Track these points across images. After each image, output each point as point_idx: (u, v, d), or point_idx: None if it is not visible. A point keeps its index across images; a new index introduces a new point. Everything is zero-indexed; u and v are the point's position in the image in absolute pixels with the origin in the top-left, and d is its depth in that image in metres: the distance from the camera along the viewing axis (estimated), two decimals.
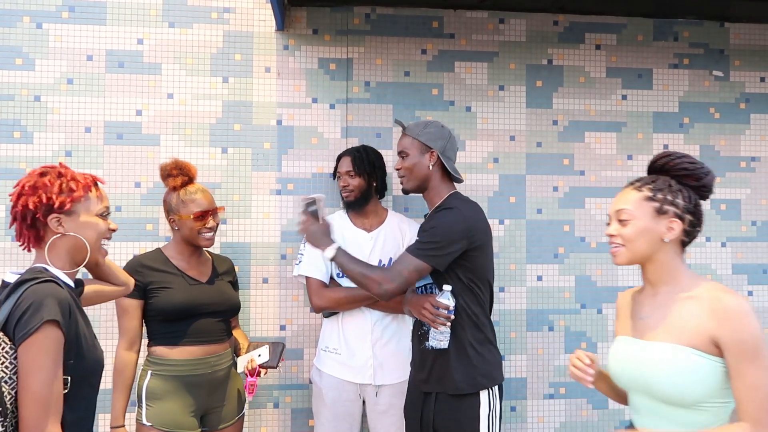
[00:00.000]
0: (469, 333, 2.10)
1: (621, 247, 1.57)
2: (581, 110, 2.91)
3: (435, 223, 2.08)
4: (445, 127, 2.23)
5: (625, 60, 2.94)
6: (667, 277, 1.56)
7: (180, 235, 2.28)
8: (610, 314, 2.88)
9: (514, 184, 2.85)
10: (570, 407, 2.85)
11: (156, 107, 2.68)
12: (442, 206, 2.14)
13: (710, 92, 2.99)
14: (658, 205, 1.53)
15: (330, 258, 2.13)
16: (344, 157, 2.53)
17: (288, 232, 2.73)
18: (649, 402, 1.54)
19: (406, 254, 2.08)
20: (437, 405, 2.12)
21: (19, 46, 2.62)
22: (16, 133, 2.61)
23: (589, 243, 2.89)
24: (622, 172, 2.92)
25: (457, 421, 2.08)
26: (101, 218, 1.60)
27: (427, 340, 2.11)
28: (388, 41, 2.82)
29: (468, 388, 2.08)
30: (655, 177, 1.57)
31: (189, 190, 2.26)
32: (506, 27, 2.89)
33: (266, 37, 2.75)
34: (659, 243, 1.54)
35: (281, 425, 2.70)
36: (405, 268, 2.04)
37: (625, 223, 1.56)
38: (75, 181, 1.57)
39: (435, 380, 2.13)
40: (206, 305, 2.24)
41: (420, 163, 2.19)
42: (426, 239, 2.06)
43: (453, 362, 2.09)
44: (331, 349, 2.46)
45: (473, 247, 2.08)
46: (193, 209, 2.23)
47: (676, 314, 1.50)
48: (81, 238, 1.54)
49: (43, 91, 2.63)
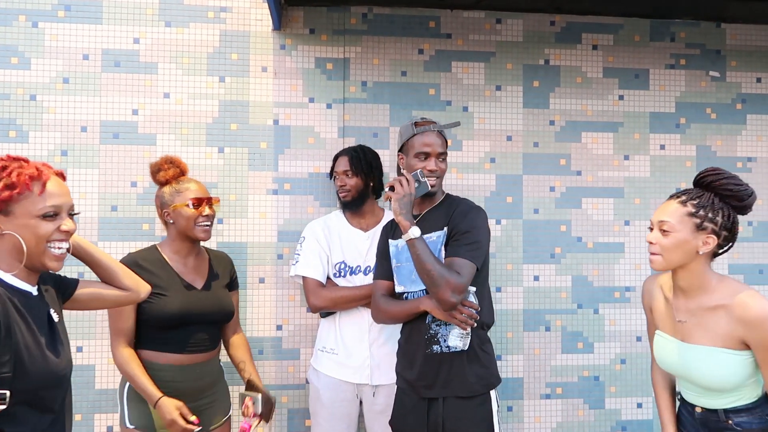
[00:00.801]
0: (476, 334, 2.09)
1: (658, 256, 1.72)
2: (578, 110, 2.91)
3: (473, 223, 2.08)
4: (407, 122, 2.22)
5: (622, 60, 2.95)
6: (696, 283, 1.73)
7: (175, 229, 2.20)
8: (607, 314, 2.88)
9: (510, 184, 2.85)
10: (567, 407, 2.86)
11: (152, 107, 2.68)
12: (465, 204, 2.15)
13: (707, 93, 2.99)
14: (699, 221, 1.68)
15: (412, 237, 1.98)
16: (341, 156, 2.53)
17: (284, 232, 2.72)
18: (694, 387, 1.77)
19: (462, 261, 1.99)
20: (446, 409, 2.07)
21: (14, 45, 2.62)
22: (12, 132, 2.61)
23: (585, 243, 2.89)
24: (619, 173, 2.92)
25: (471, 421, 2.05)
26: (46, 219, 1.41)
27: (437, 344, 2.07)
28: (385, 41, 2.81)
29: (481, 389, 2.08)
30: (700, 192, 1.71)
31: (182, 180, 2.22)
32: (503, 27, 2.89)
33: (263, 36, 2.75)
34: (693, 255, 1.70)
35: (278, 425, 2.70)
36: (469, 275, 1.99)
37: (666, 234, 1.70)
38: (18, 175, 1.38)
39: (441, 384, 2.08)
40: (201, 315, 2.17)
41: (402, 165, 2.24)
42: (471, 240, 2.04)
43: (465, 365, 2.06)
44: (328, 349, 2.46)
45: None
46: (189, 196, 2.17)
47: (710, 321, 1.70)
48: (18, 237, 1.37)
49: (38, 90, 2.62)
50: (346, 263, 2.48)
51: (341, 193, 2.50)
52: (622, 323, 2.89)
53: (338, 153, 2.57)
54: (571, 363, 2.86)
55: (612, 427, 2.87)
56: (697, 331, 1.72)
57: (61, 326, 1.55)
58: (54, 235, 1.42)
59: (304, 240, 2.51)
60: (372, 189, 2.53)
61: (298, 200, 2.74)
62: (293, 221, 2.73)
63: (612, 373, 2.88)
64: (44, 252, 1.42)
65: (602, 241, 2.90)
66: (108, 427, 2.61)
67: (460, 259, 2.01)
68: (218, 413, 2.28)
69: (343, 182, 2.49)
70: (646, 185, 2.94)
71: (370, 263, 2.47)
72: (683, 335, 1.76)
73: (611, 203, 2.91)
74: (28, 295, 1.44)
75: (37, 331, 1.42)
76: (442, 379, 2.08)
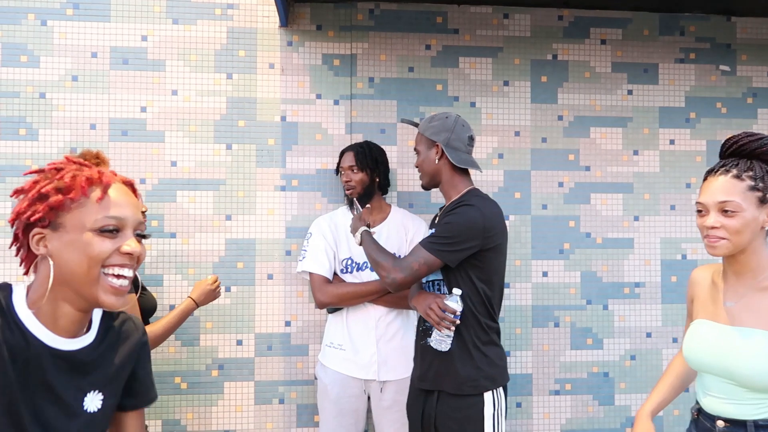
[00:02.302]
0: (474, 334, 2.05)
1: (722, 240, 1.52)
2: (586, 105, 2.90)
3: (452, 218, 2.03)
4: (452, 117, 2.16)
5: (631, 55, 2.93)
6: (755, 263, 1.55)
7: None
8: (616, 310, 2.87)
9: (519, 180, 2.84)
10: (576, 403, 2.84)
11: (160, 104, 2.69)
12: (462, 201, 2.09)
13: (717, 87, 2.97)
14: (761, 194, 1.50)
15: (358, 242, 2.19)
16: (347, 152, 2.53)
17: (292, 228, 2.73)
18: (725, 385, 1.55)
19: (418, 247, 2.04)
20: (439, 404, 2.07)
21: (24, 43, 2.63)
22: (22, 130, 2.62)
23: (594, 239, 2.87)
24: (628, 168, 2.90)
25: (459, 421, 2.03)
26: (103, 235, 1.07)
27: (429, 337, 2.08)
28: (392, 37, 2.81)
29: (470, 390, 2.03)
30: (747, 163, 1.53)
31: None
32: (511, 22, 2.87)
33: (270, 33, 2.75)
34: (758, 232, 1.53)
35: (287, 421, 2.71)
36: (415, 260, 2.02)
37: (732, 215, 1.51)
38: (73, 177, 1.09)
39: (433, 378, 2.09)
40: None
41: (427, 158, 2.17)
42: (440, 234, 2.03)
43: (456, 363, 2.04)
44: (336, 345, 2.46)
45: (489, 248, 2.04)
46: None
47: (762, 302, 1.52)
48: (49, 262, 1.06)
49: (48, 88, 2.64)
50: (353, 259, 2.48)
51: (347, 189, 2.50)
52: (631, 319, 2.87)
53: (344, 149, 2.57)
54: (581, 359, 2.85)
55: (622, 423, 2.86)
56: (746, 314, 1.54)
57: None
58: (112, 257, 1.07)
59: (310, 236, 2.52)
60: (378, 185, 2.53)
61: (305, 196, 2.74)
62: (301, 217, 2.73)
63: (622, 370, 2.86)
64: (97, 281, 1.07)
65: (611, 237, 2.89)
66: None
67: (416, 245, 2.06)
68: None
69: (348, 178, 2.49)
70: (656, 180, 2.92)
71: None
72: (730, 319, 1.57)
73: (620, 199, 2.90)
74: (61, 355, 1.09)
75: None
76: (433, 373, 2.09)
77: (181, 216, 2.68)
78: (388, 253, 2.11)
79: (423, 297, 2.11)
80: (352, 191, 2.48)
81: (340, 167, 2.54)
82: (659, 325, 2.88)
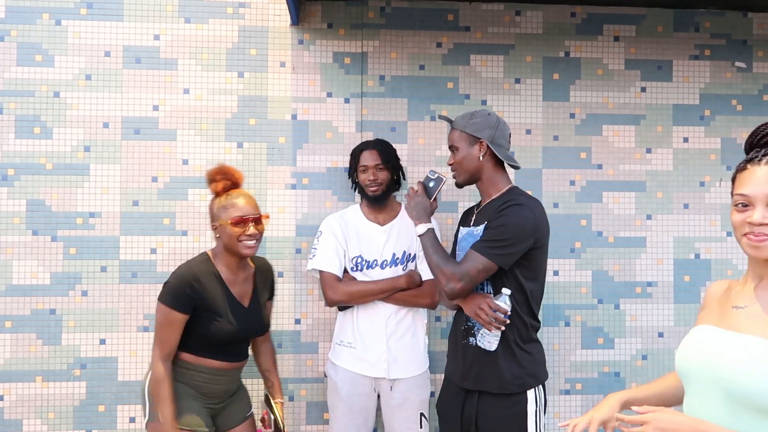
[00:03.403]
0: (517, 333, 2.04)
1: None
2: (599, 103, 2.87)
3: (504, 220, 1.99)
4: (492, 114, 2.15)
5: (645, 51, 2.89)
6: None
7: (222, 243, 2.16)
8: (628, 309, 2.85)
9: (530, 178, 2.83)
10: (586, 403, 2.83)
11: (172, 102, 2.71)
12: (510, 201, 2.05)
13: (732, 84, 2.92)
14: None
15: (419, 234, 2.13)
16: (369, 150, 2.50)
17: (303, 226, 2.74)
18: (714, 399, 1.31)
19: (473, 252, 2.00)
20: (480, 403, 2.06)
21: (38, 42, 2.66)
22: (36, 128, 2.66)
23: (606, 237, 2.85)
24: (641, 166, 2.88)
25: (504, 419, 2.03)
26: None
27: (472, 336, 2.07)
28: (403, 35, 2.80)
29: (515, 388, 2.03)
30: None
31: (231, 194, 2.15)
32: (523, 19, 2.85)
33: (281, 31, 2.76)
34: None
35: (296, 418, 2.72)
36: (474, 267, 1.98)
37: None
38: None
39: (475, 378, 2.07)
40: (245, 332, 2.21)
41: (469, 155, 2.13)
42: (495, 237, 1.99)
43: (500, 362, 2.03)
44: (346, 343, 2.47)
45: (536, 247, 2.03)
46: (233, 214, 2.10)
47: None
48: None
49: (62, 87, 2.67)
50: (362, 257, 2.49)
51: (372, 188, 2.46)
52: (643, 319, 2.85)
53: (360, 147, 2.53)
54: (591, 359, 2.83)
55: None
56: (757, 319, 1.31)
57: None
58: None
59: (320, 234, 2.52)
60: (395, 183, 2.54)
61: (316, 195, 2.75)
62: (311, 216, 2.74)
63: (633, 369, 2.84)
64: None
65: (623, 236, 2.86)
66: (131, 418, 2.66)
67: (471, 251, 2.02)
68: (242, 408, 2.33)
69: (375, 176, 2.46)
70: (669, 179, 2.89)
71: (387, 257, 2.47)
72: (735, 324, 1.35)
73: (633, 197, 2.87)
74: None
75: None
76: (475, 372, 2.07)
77: (192, 214, 2.70)
78: (450, 257, 2.07)
79: (471, 297, 2.07)
80: (378, 189, 2.46)
81: (362, 165, 2.49)
82: (671, 324, 2.86)
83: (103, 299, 2.65)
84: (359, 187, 2.53)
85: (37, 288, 2.64)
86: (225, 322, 2.14)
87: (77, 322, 2.65)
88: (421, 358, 2.50)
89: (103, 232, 2.67)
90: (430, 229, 2.12)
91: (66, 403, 2.64)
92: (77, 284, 2.65)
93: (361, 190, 2.52)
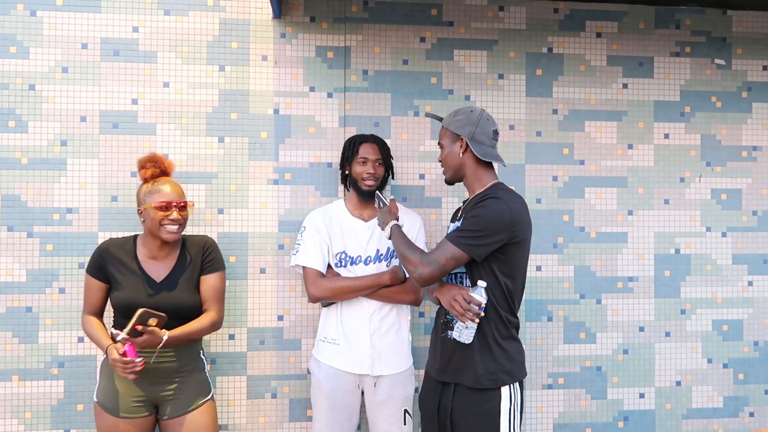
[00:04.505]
0: (495, 328, 2.05)
1: None
2: (581, 99, 2.88)
3: (479, 211, 2.02)
4: (476, 110, 2.15)
5: (626, 48, 2.91)
6: None
7: (146, 227, 2.30)
8: (610, 304, 2.87)
9: (513, 174, 2.83)
10: (568, 397, 2.85)
11: (152, 96, 2.66)
12: (488, 194, 2.07)
13: (712, 81, 2.96)
14: None
15: (387, 236, 2.19)
16: (369, 143, 2.49)
17: (285, 222, 2.71)
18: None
19: (445, 241, 2.04)
20: (456, 397, 2.08)
21: (13, 33, 2.59)
22: (11, 122, 2.59)
23: (588, 233, 2.87)
24: (623, 162, 2.90)
25: (476, 414, 2.04)
26: None
27: (450, 330, 2.08)
28: (387, 29, 2.78)
29: (489, 384, 2.04)
30: None
31: (158, 181, 2.29)
32: (506, 15, 2.85)
33: (263, 24, 2.72)
34: None
35: (279, 415, 2.70)
36: (443, 254, 2.00)
37: None
38: None
39: (452, 371, 2.09)
40: (155, 308, 2.17)
41: (452, 152, 2.16)
42: (467, 227, 2.01)
43: (476, 356, 2.04)
44: (330, 340, 2.45)
45: (514, 242, 2.03)
46: (158, 199, 2.25)
47: None
48: None
49: (37, 79, 2.60)
50: (346, 253, 2.47)
51: (369, 181, 2.44)
52: (624, 313, 2.88)
53: (359, 139, 2.50)
54: (573, 353, 2.85)
55: (614, 417, 2.87)
56: None
57: None
58: None
59: (304, 230, 2.50)
60: (385, 181, 2.54)
61: (299, 190, 2.72)
62: (294, 211, 2.71)
63: (614, 364, 2.87)
64: None
65: (605, 231, 2.88)
66: None
67: (444, 240, 2.05)
68: (189, 400, 2.30)
69: (374, 170, 2.45)
70: (650, 175, 2.91)
71: (371, 253, 2.46)
72: None
73: (614, 193, 2.89)
74: None
75: None
76: (453, 366, 2.09)
77: None
78: (417, 247, 2.09)
79: (447, 289, 2.10)
80: (374, 184, 2.45)
81: (362, 157, 2.46)
82: (652, 319, 2.89)
83: (81, 296, 2.60)
84: (351, 179, 2.51)
85: (13, 285, 2.58)
86: (127, 290, 2.25)
87: (54, 319, 2.59)
88: (405, 354, 2.49)
89: (81, 228, 2.61)
90: (395, 225, 2.18)
91: (43, 402, 2.59)
92: (54, 281, 2.60)
93: (353, 182, 2.49)
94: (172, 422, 2.28)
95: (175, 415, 2.28)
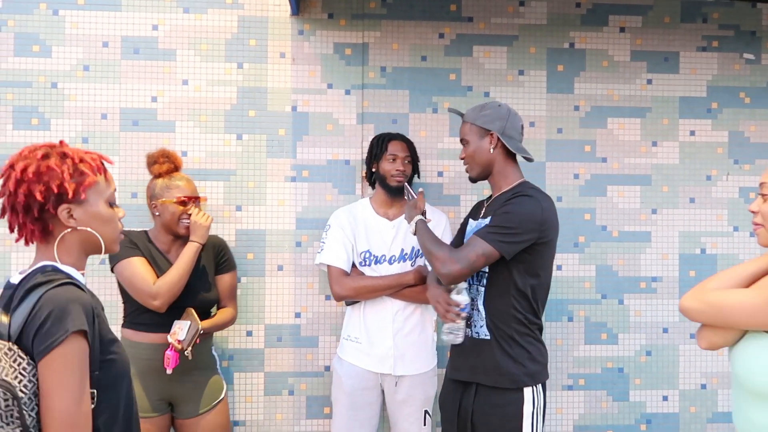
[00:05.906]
0: (515, 329, 2.00)
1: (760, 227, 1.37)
2: (604, 95, 2.83)
3: (511, 208, 1.97)
4: (503, 105, 2.12)
5: (651, 43, 2.84)
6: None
7: (160, 221, 2.32)
8: (632, 305, 2.81)
9: (533, 172, 2.76)
10: (589, 399, 2.80)
11: (171, 93, 2.67)
12: (519, 192, 2.03)
13: (740, 76, 2.87)
14: None
15: (411, 232, 2.13)
16: (398, 141, 2.48)
17: (303, 219, 2.71)
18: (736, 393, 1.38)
19: (475, 237, 1.97)
20: (477, 397, 2.04)
21: (36, 33, 2.63)
22: (34, 120, 2.63)
23: (610, 232, 2.81)
24: (646, 160, 2.83)
25: (497, 416, 1.99)
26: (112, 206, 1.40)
27: (468, 328, 2.06)
28: (405, 25, 2.76)
29: (509, 384, 1.99)
30: None
31: (174, 176, 2.33)
32: (526, 10, 2.81)
33: (281, 22, 2.72)
34: None
35: (296, 412, 2.70)
36: (473, 251, 1.94)
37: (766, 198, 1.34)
38: (84, 162, 1.34)
39: (469, 369, 2.05)
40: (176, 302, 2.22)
41: (480, 148, 2.09)
42: (499, 224, 1.96)
43: (494, 354, 2.00)
44: (353, 338, 2.45)
45: (542, 242, 1.98)
46: (176, 194, 2.29)
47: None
48: (95, 233, 1.36)
49: (59, 77, 2.64)
50: (371, 252, 2.46)
51: (398, 177, 2.42)
52: (648, 314, 2.82)
53: (388, 136, 2.49)
54: (595, 354, 2.80)
55: (636, 419, 2.81)
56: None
57: None
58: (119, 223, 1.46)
59: (329, 228, 2.49)
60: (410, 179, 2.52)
61: (316, 187, 2.72)
62: (311, 209, 2.71)
63: (637, 365, 2.81)
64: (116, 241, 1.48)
65: (628, 230, 2.82)
66: None
67: (474, 236, 1.99)
68: (205, 400, 2.32)
69: (403, 167, 2.44)
70: (675, 173, 2.84)
71: (395, 252, 2.44)
72: None
73: (638, 191, 2.83)
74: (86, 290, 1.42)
75: None
76: (470, 364, 2.05)
77: None
78: (444, 243, 2.05)
79: (431, 291, 2.09)
80: (403, 180, 2.42)
81: (392, 154, 2.44)
82: (676, 320, 2.82)
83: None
84: (378, 176, 2.48)
85: None
86: None
87: None
88: (429, 355, 2.47)
89: None
90: (420, 220, 2.11)
91: None
92: None
93: (380, 179, 2.47)
94: (188, 422, 2.30)
95: (190, 415, 2.30)
